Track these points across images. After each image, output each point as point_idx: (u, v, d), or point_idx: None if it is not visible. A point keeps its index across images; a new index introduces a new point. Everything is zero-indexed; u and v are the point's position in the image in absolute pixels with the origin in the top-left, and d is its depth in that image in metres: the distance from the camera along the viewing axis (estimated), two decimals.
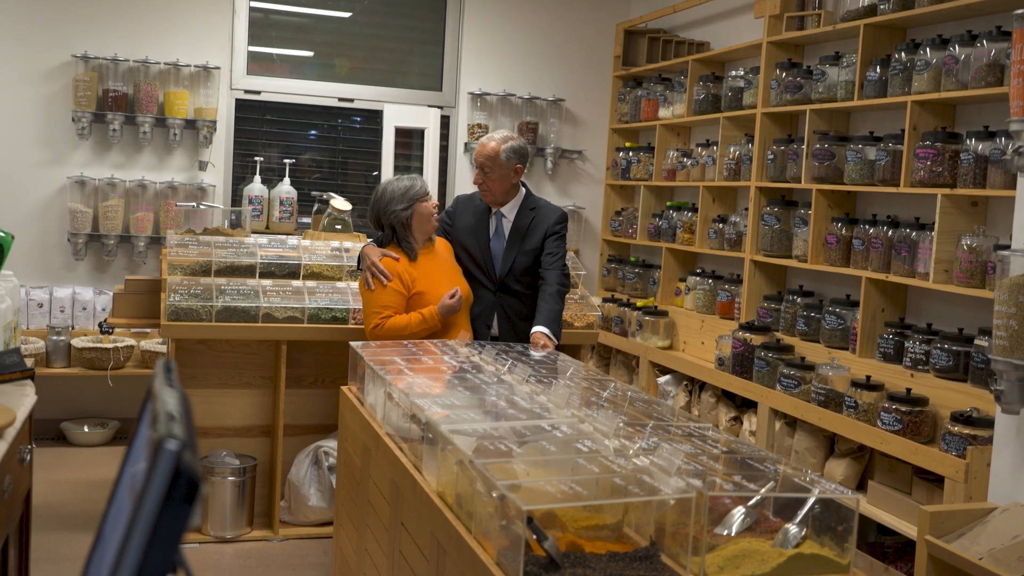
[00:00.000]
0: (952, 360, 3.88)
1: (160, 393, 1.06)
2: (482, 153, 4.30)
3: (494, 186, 4.31)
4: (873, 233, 4.40)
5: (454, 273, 4.30)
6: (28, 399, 2.69)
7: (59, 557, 4.22)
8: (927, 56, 4.14)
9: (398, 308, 4.11)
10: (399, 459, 2.79)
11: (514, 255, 4.36)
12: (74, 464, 5.60)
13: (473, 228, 4.45)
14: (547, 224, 4.38)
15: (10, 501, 2.42)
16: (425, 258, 4.24)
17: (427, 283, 4.16)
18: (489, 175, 4.29)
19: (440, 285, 4.17)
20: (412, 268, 4.17)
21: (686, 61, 6.08)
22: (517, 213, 4.39)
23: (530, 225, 4.38)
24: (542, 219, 4.39)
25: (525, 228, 4.37)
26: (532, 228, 4.38)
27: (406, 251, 4.19)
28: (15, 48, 6.02)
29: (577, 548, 2.11)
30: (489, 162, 4.28)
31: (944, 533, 3.15)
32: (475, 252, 4.42)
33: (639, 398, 3.08)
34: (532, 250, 4.37)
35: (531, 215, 4.40)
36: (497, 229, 4.42)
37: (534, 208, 4.42)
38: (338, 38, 6.84)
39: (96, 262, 6.23)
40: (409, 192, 4.17)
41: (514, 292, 4.39)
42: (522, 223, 4.38)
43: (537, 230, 4.37)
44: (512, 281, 4.38)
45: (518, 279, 4.38)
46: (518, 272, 4.37)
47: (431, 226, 4.24)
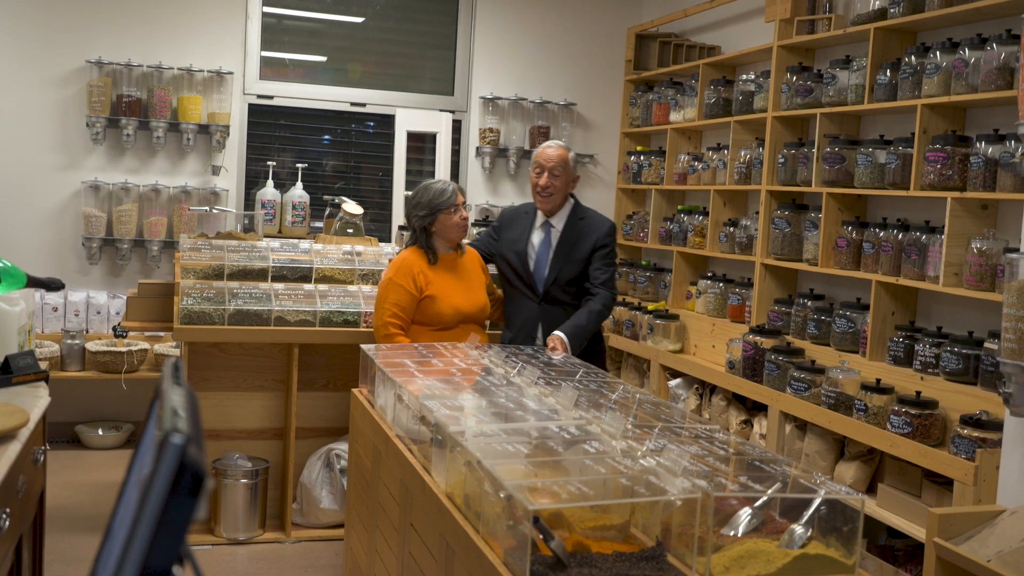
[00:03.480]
0: (962, 363, 3.87)
1: (167, 391, 1.09)
2: (552, 157, 4.35)
3: (560, 191, 4.37)
4: (883, 236, 4.40)
5: (474, 285, 4.32)
6: (42, 400, 2.72)
7: (73, 558, 4.25)
8: (937, 59, 4.14)
9: (406, 308, 4.14)
10: (409, 460, 2.81)
11: (560, 265, 4.36)
12: (88, 467, 5.64)
13: (520, 239, 4.46)
14: (597, 235, 4.38)
15: (24, 501, 2.45)
16: (446, 264, 4.27)
17: (441, 289, 4.18)
18: (558, 179, 4.35)
19: (454, 294, 4.20)
20: (429, 271, 4.20)
21: (697, 65, 6.09)
22: (566, 223, 4.40)
23: (579, 235, 4.38)
24: (591, 229, 4.39)
25: (574, 238, 4.38)
26: (581, 238, 4.38)
27: (426, 253, 4.23)
28: (30, 53, 6.07)
29: (584, 548, 2.13)
30: (560, 165, 4.33)
31: (953, 535, 3.15)
32: (521, 263, 4.43)
33: (648, 400, 3.10)
34: (579, 260, 4.36)
35: (580, 225, 4.40)
36: (545, 239, 4.43)
37: (583, 218, 4.43)
38: (350, 43, 6.88)
39: (110, 266, 6.28)
40: (435, 201, 4.19)
41: (559, 302, 4.38)
42: (571, 233, 4.39)
43: (586, 240, 4.37)
44: (557, 291, 4.38)
45: (563, 289, 4.38)
46: (563, 282, 4.36)
47: (456, 236, 4.26)
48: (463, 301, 4.24)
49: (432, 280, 4.18)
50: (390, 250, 5.31)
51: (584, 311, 4.27)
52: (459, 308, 4.23)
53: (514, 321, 4.46)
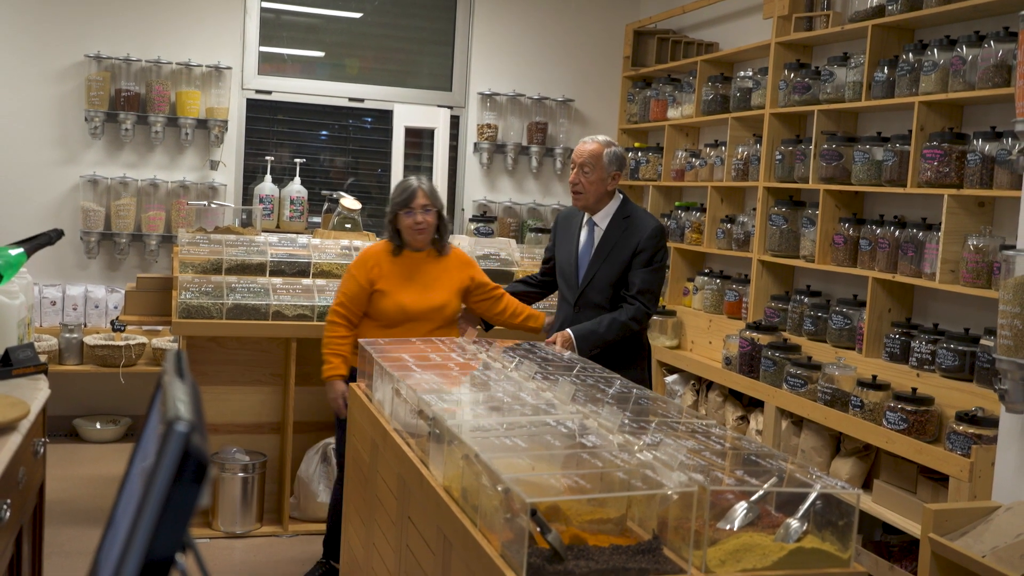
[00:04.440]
0: (958, 360, 3.89)
1: (170, 381, 1.10)
2: (583, 152, 4.07)
3: (590, 188, 4.05)
4: (880, 233, 4.42)
5: (435, 286, 4.10)
6: (42, 393, 2.73)
7: (72, 551, 4.26)
8: (934, 57, 4.15)
9: (355, 300, 4.00)
10: (406, 454, 2.82)
11: (599, 266, 4.06)
12: (86, 460, 5.65)
13: (567, 240, 4.22)
14: (639, 237, 4.04)
15: (24, 492, 2.46)
16: (409, 261, 4.09)
17: (391, 284, 4.03)
18: (588, 175, 4.04)
19: (403, 292, 4.03)
20: (387, 264, 4.05)
21: (695, 62, 6.10)
22: (610, 222, 4.09)
23: (622, 236, 4.07)
24: (635, 230, 4.06)
25: (616, 238, 4.08)
26: (624, 238, 4.06)
27: (393, 245, 4.08)
28: (29, 48, 6.07)
29: (580, 541, 2.14)
30: (591, 161, 4.04)
31: (948, 531, 3.17)
32: (565, 265, 4.20)
33: (644, 395, 3.11)
34: (620, 263, 4.05)
35: (624, 224, 4.08)
36: (588, 239, 4.15)
37: (628, 217, 4.11)
38: (349, 38, 6.88)
39: (108, 260, 6.28)
40: (395, 199, 4.06)
41: (596, 306, 4.07)
42: (613, 233, 4.08)
43: (628, 241, 4.05)
44: (594, 294, 4.08)
45: (601, 291, 4.06)
46: (601, 284, 4.06)
47: (411, 238, 4.04)
48: (411, 300, 4.02)
49: (386, 274, 4.03)
50: None
51: (607, 316, 3.99)
52: (404, 306, 4.00)
53: (554, 328, 4.19)
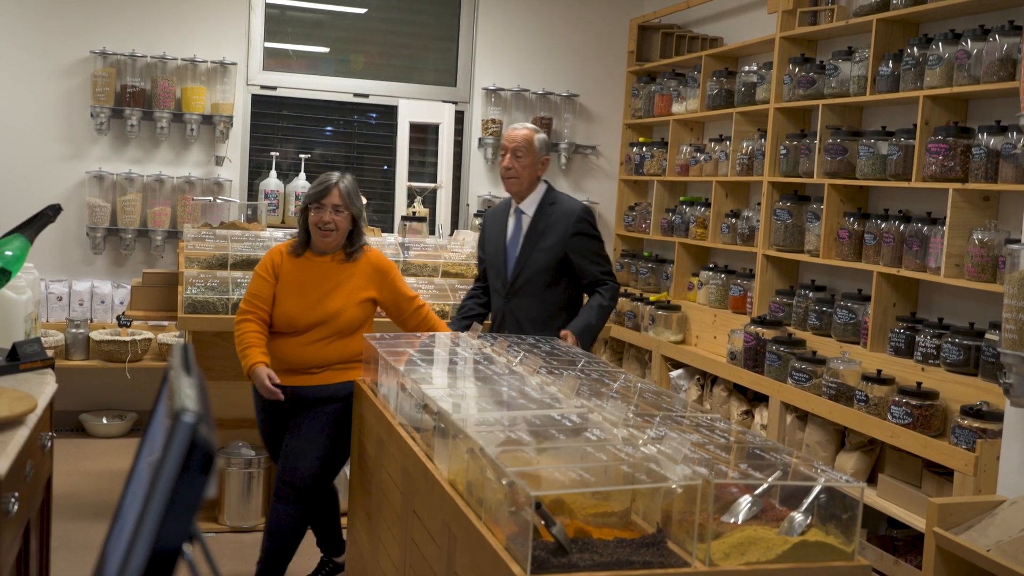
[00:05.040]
0: (963, 354, 3.89)
1: (177, 374, 1.11)
2: (515, 138, 4.11)
3: (523, 173, 4.10)
4: (885, 228, 4.42)
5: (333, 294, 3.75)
6: (49, 387, 2.74)
7: (78, 545, 4.28)
8: (939, 51, 4.15)
9: (262, 297, 3.72)
10: (411, 448, 2.83)
11: (529, 253, 4.08)
12: (92, 455, 5.67)
13: (494, 234, 4.23)
14: (568, 221, 4.08)
15: (32, 485, 2.47)
16: (312, 265, 3.78)
17: (285, 286, 3.74)
18: (521, 160, 4.09)
19: (291, 299, 3.72)
20: (287, 264, 3.78)
21: (699, 56, 6.10)
22: (537, 209, 4.15)
23: (549, 222, 4.11)
24: (562, 215, 4.10)
25: (543, 225, 4.11)
26: (551, 225, 4.10)
27: (298, 244, 3.80)
28: (35, 44, 6.09)
29: (585, 534, 2.15)
30: (524, 146, 4.09)
31: (953, 525, 3.17)
32: (494, 258, 4.21)
33: (649, 390, 3.11)
34: (549, 248, 4.08)
35: (550, 211, 4.13)
36: (516, 227, 4.18)
37: (553, 203, 4.15)
38: (353, 34, 6.89)
39: (114, 256, 6.30)
40: (310, 191, 3.76)
41: (527, 294, 4.12)
42: (540, 219, 4.12)
43: (556, 227, 4.09)
44: (524, 283, 4.11)
45: (531, 280, 4.10)
46: (532, 272, 4.09)
47: (316, 237, 3.74)
48: (301, 306, 3.71)
49: (282, 275, 3.75)
50: (392, 240, 5.33)
51: (592, 308, 4.04)
52: (289, 316, 3.71)
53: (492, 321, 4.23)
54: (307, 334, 3.70)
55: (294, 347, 3.72)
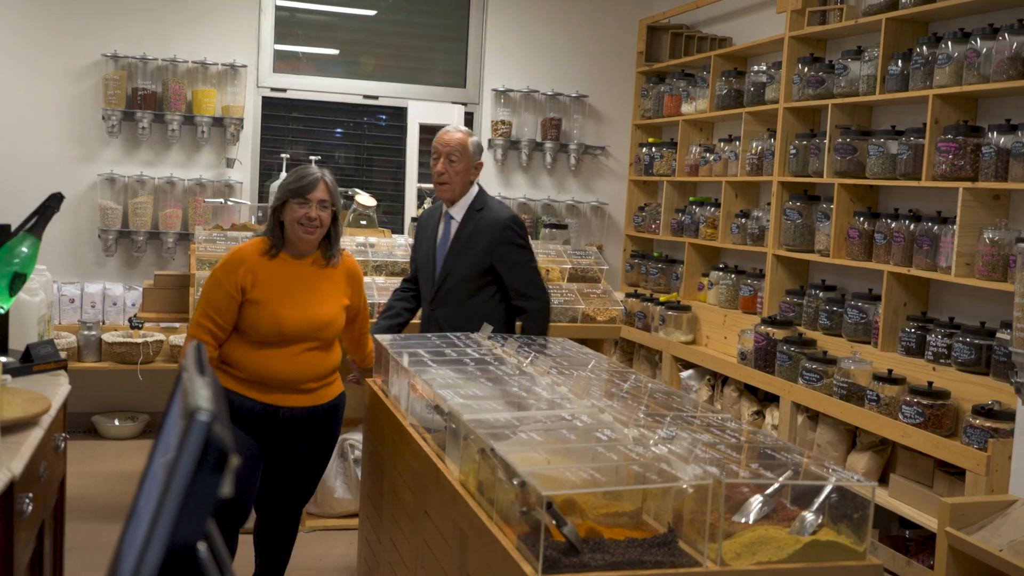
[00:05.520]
0: (974, 353, 3.88)
1: (190, 373, 1.11)
2: (449, 142, 3.97)
3: (456, 178, 3.97)
4: (895, 227, 4.41)
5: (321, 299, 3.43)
6: (62, 388, 2.76)
7: (91, 546, 4.30)
8: (949, 50, 4.14)
9: (222, 312, 3.32)
10: (423, 449, 2.84)
11: (455, 259, 3.94)
12: (105, 457, 5.70)
13: (425, 239, 4.09)
14: (495, 229, 3.95)
15: (46, 486, 2.49)
16: (289, 267, 3.41)
17: (269, 292, 3.34)
18: (455, 165, 3.96)
19: (282, 303, 3.34)
20: (261, 268, 3.37)
21: (708, 56, 6.10)
22: (465, 214, 4.01)
23: (476, 228, 3.97)
24: (489, 223, 3.96)
25: (469, 232, 3.97)
26: (478, 232, 3.96)
27: (272, 246, 3.40)
28: (47, 47, 6.12)
29: (596, 534, 2.15)
30: (458, 150, 3.96)
31: (965, 525, 3.16)
32: (424, 263, 4.08)
33: (659, 390, 3.12)
34: (474, 257, 3.94)
35: (478, 217, 3.98)
36: (445, 233, 4.05)
37: (481, 209, 4.01)
38: (363, 36, 6.91)
39: (126, 258, 6.32)
40: (290, 184, 3.36)
41: (452, 303, 3.98)
42: (468, 225, 3.98)
43: (483, 235, 3.95)
44: (449, 291, 3.98)
45: (458, 287, 3.96)
46: (457, 281, 3.95)
47: (296, 237, 3.37)
48: (292, 314, 3.34)
49: (260, 280, 3.33)
50: (403, 241, 5.34)
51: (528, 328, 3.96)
52: (281, 321, 3.32)
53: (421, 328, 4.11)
54: (298, 344, 3.36)
55: (284, 360, 3.35)
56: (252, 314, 3.31)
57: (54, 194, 3.10)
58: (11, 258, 2.78)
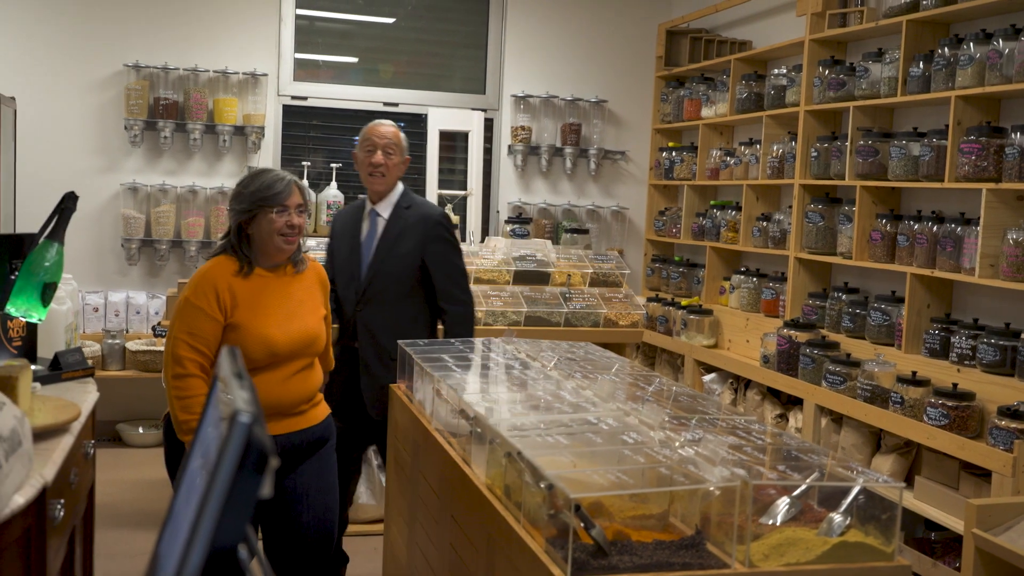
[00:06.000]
0: (999, 354, 3.86)
1: (228, 377, 1.13)
2: (386, 135, 3.89)
3: (392, 171, 3.88)
4: (918, 229, 4.39)
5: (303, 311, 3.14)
6: (91, 396, 2.78)
7: (117, 553, 4.33)
8: (971, 51, 4.13)
9: (208, 340, 2.99)
10: (448, 453, 2.84)
11: (383, 259, 3.80)
12: (129, 464, 5.73)
13: (345, 238, 3.94)
14: (427, 225, 3.88)
15: (77, 493, 2.51)
16: (266, 280, 3.09)
17: (249, 314, 3.01)
18: (392, 158, 3.87)
19: (267, 322, 3.02)
20: (238, 287, 3.03)
21: (728, 60, 6.10)
22: (392, 211, 3.91)
23: (405, 226, 3.86)
24: (419, 219, 3.88)
25: (398, 229, 3.86)
26: (407, 229, 3.86)
27: (240, 262, 3.06)
28: (70, 58, 6.17)
29: (623, 537, 2.15)
30: (395, 143, 3.88)
31: (992, 526, 3.15)
32: (345, 264, 3.93)
33: (684, 393, 3.12)
34: (405, 255, 3.85)
35: (406, 215, 3.88)
36: (371, 230, 3.92)
37: (409, 207, 3.91)
38: (382, 43, 6.94)
39: (149, 267, 6.37)
40: (260, 192, 3.02)
41: (381, 303, 3.85)
42: (396, 223, 3.86)
43: (413, 232, 3.86)
44: (378, 292, 3.85)
45: (386, 287, 3.82)
46: (386, 280, 3.81)
47: (274, 249, 3.06)
48: (279, 332, 3.03)
49: (240, 302, 3.01)
50: None
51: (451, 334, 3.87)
52: (271, 341, 3.01)
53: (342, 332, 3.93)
54: (289, 364, 3.08)
55: (278, 384, 3.07)
56: (236, 340, 2.97)
57: (67, 194, 3.02)
58: (39, 268, 2.80)
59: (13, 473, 1.86)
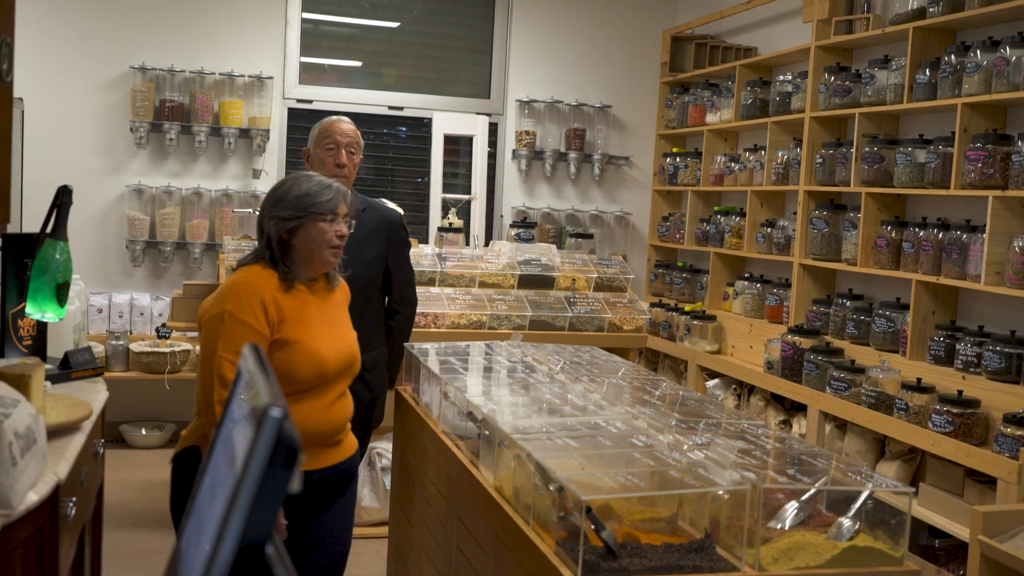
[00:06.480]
0: (1004, 362, 3.87)
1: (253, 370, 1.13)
2: (348, 132, 3.60)
3: (353, 172, 3.61)
4: (923, 236, 4.40)
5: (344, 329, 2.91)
6: (101, 395, 2.79)
7: (123, 554, 4.33)
8: (977, 58, 4.14)
9: None
10: (456, 456, 2.85)
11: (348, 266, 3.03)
12: (133, 465, 5.73)
13: None
14: (391, 227, 3.62)
15: (87, 491, 2.51)
16: (307, 295, 2.82)
17: (297, 329, 2.73)
18: (353, 157, 3.59)
19: (318, 338, 2.76)
20: (285, 300, 2.75)
21: (733, 66, 6.11)
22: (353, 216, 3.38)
23: (368, 229, 3.52)
24: (381, 222, 3.60)
25: (363, 234, 3.46)
26: (370, 233, 3.53)
27: (281, 274, 2.77)
28: (76, 60, 6.19)
29: (633, 540, 2.16)
30: (356, 143, 3.61)
31: (997, 533, 3.15)
32: None
33: (691, 397, 3.12)
34: (373, 260, 3.54)
35: (365, 218, 3.51)
36: None
37: (365, 209, 3.55)
38: (387, 47, 6.95)
39: (153, 268, 6.37)
40: (306, 200, 2.75)
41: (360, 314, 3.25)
42: (358, 229, 3.29)
43: (377, 236, 3.56)
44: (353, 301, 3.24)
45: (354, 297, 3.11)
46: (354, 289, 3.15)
47: (320, 260, 2.79)
48: (330, 350, 2.77)
49: (288, 317, 2.73)
50: (429, 251, 5.36)
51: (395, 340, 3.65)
52: (322, 359, 2.74)
53: None
54: (334, 387, 2.82)
55: (323, 410, 2.79)
56: (285, 359, 2.69)
57: (61, 188, 2.90)
58: (47, 268, 2.81)
59: (28, 470, 1.86)
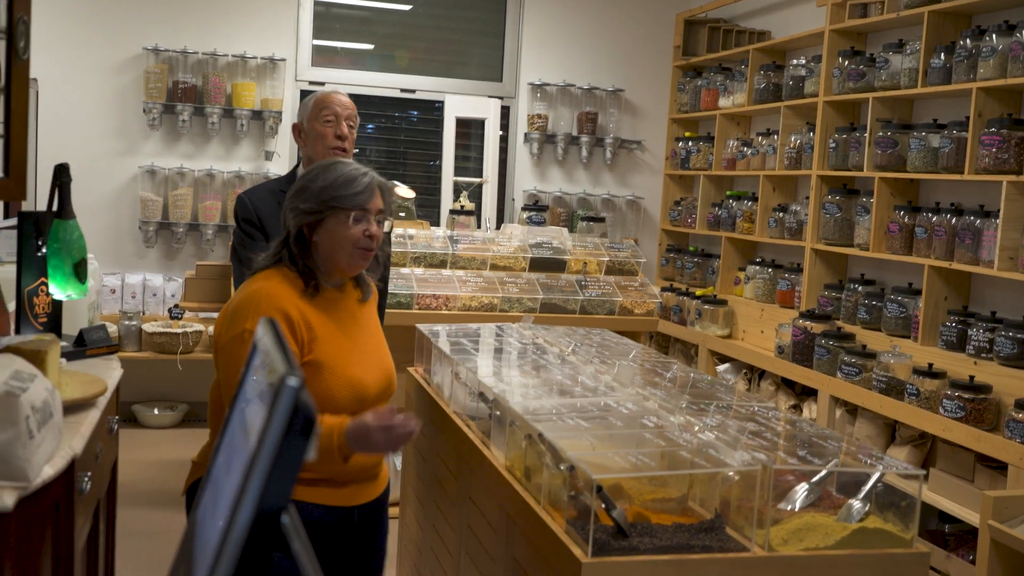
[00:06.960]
0: (1016, 347, 3.86)
1: (269, 343, 1.14)
2: (347, 105, 3.38)
3: (351, 146, 3.40)
4: (936, 221, 4.39)
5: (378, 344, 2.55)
6: (115, 372, 2.81)
7: (136, 532, 4.36)
8: (993, 42, 4.12)
9: None
10: (467, 436, 2.86)
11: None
12: (145, 445, 5.77)
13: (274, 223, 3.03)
14: None
15: (102, 467, 2.54)
16: (335, 305, 2.43)
17: (331, 348, 2.36)
18: (352, 131, 3.39)
19: (351, 360, 2.39)
20: (312, 313, 2.36)
21: (747, 50, 6.09)
22: None
23: None
24: None
25: None
26: None
27: (305, 279, 2.37)
28: (89, 41, 6.20)
29: (643, 519, 2.17)
30: (354, 117, 3.41)
31: (1007, 519, 3.16)
32: None
33: (702, 379, 3.13)
34: None
35: None
36: None
37: None
38: (399, 30, 6.94)
39: (166, 249, 6.40)
40: (330, 191, 2.34)
41: None
42: None
43: None
44: None
45: None
46: None
47: (347, 262, 2.39)
48: (367, 372, 2.43)
49: (318, 333, 2.35)
50: (441, 233, 5.36)
51: None
52: (361, 384, 2.39)
53: None
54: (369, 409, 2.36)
55: None
56: (321, 384, 2.31)
57: (58, 166, 2.82)
58: (62, 247, 2.82)
59: (45, 444, 1.88)
